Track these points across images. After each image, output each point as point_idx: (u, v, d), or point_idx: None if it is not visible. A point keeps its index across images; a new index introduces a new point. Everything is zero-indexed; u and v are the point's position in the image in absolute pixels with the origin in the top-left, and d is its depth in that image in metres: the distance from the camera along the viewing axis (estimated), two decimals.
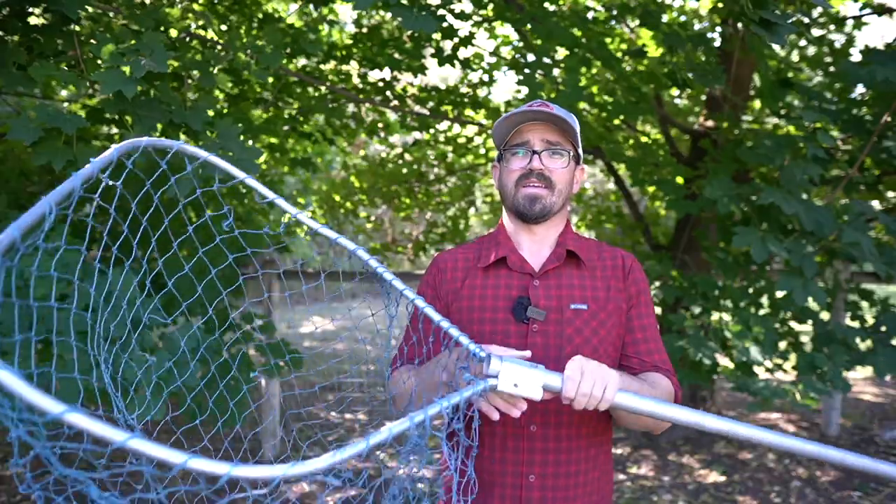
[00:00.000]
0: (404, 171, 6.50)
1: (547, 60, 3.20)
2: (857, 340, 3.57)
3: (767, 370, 3.76)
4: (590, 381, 1.08)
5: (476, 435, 1.14)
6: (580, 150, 1.42)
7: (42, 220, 0.88)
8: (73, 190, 0.94)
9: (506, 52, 5.26)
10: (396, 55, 4.25)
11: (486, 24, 4.69)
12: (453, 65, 3.98)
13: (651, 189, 5.12)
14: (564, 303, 1.34)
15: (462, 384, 1.10)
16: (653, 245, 5.04)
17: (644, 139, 5.24)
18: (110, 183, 1.02)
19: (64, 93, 4.67)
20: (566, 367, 1.10)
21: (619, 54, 4.03)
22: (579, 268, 1.39)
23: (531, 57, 3.24)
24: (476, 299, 1.37)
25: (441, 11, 3.23)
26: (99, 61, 2.16)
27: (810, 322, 3.73)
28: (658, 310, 4.29)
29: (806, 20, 4.37)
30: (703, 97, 5.45)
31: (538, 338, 1.32)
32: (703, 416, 1.09)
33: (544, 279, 1.37)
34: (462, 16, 3.69)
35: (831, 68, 4.47)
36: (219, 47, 2.87)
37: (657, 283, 4.10)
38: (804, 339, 3.89)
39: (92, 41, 2.19)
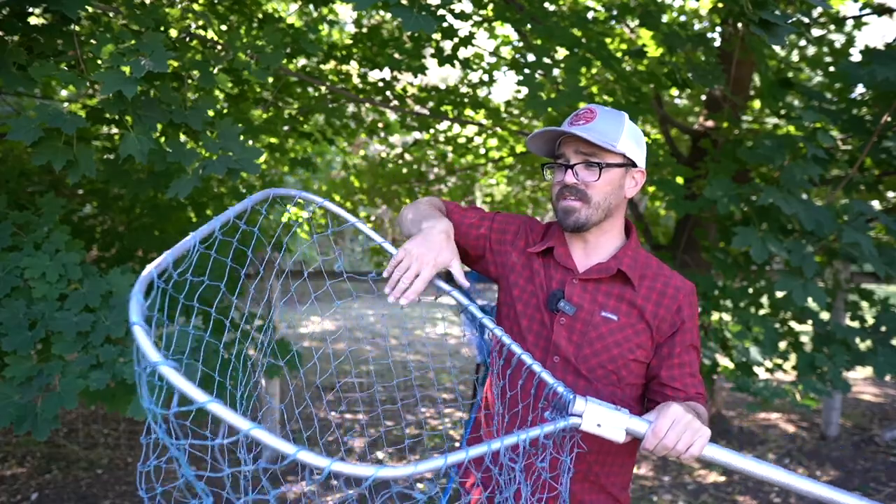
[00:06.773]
0: (404, 171, 6.49)
1: (547, 60, 3.20)
2: (857, 340, 3.57)
3: (767, 370, 3.76)
4: (674, 438, 1.09)
5: (570, 467, 1.21)
6: (630, 155, 1.36)
7: (187, 253, 1.10)
8: (213, 231, 1.17)
9: (506, 52, 5.26)
10: (396, 55, 4.25)
11: (486, 24, 4.69)
12: (453, 65, 3.97)
13: (651, 189, 5.11)
14: (597, 308, 1.36)
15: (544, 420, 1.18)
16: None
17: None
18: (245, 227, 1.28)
19: (64, 93, 4.67)
20: (658, 415, 1.12)
21: (619, 54, 4.02)
22: (625, 283, 1.38)
23: (531, 57, 3.24)
24: (520, 279, 1.44)
25: (441, 11, 3.22)
26: (99, 61, 2.16)
27: (810, 322, 3.73)
28: None
29: (806, 20, 4.37)
30: (703, 97, 5.45)
31: (563, 331, 1.35)
32: (791, 476, 1.13)
33: (584, 281, 1.38)
34: (462, 16, 3.69)
35: (831, 68, 4.47)
36: (219, 47, 2.87)
37: None
38: (804, 339, 3.89)
39: (92, 41, 2.19)
